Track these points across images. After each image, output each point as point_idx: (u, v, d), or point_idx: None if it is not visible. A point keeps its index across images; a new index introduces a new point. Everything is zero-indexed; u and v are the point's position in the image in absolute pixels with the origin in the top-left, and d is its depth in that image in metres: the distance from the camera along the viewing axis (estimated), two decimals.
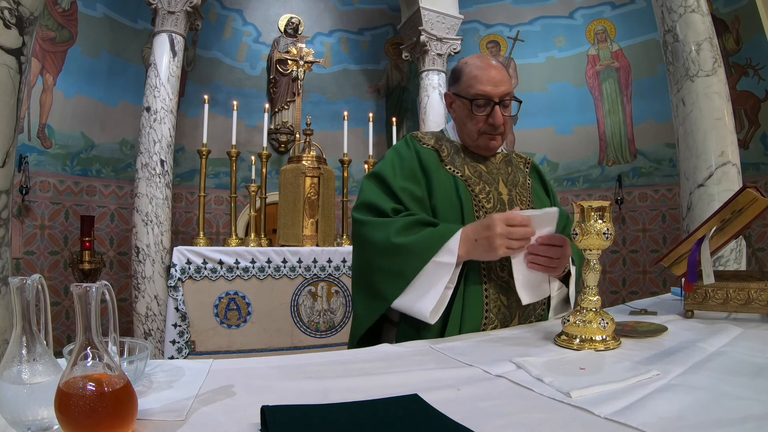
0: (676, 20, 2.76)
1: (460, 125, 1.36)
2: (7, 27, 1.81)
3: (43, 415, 0.54)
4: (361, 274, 1.27)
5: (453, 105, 1.37)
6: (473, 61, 1.33)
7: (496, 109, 1.27)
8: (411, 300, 1.14)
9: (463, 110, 1.32)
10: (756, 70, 4.53)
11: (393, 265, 1.16)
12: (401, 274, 1.15)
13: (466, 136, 1.34)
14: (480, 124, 1.29)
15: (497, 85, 1.26)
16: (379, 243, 1.18)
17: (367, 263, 1.23)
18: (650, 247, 5.36)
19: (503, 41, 6.08)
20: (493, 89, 1.26)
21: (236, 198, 3.87)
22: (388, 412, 0.61)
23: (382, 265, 1.19)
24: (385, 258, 1.18)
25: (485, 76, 1.27)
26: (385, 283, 1.17)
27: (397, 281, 1.15)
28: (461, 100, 1.31)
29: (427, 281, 1.13)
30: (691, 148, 2.69)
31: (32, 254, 4.28)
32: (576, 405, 0.64)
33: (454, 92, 1.34)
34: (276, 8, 6.25)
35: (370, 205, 1.27)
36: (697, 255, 1.20)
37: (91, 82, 4.73)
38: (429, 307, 1.12)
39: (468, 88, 1.29)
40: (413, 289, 1.14)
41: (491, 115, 1.27)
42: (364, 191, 1.31)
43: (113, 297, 0.64)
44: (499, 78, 1.27)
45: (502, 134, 1.32)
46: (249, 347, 3.41)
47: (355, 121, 4.92)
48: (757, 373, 0.76)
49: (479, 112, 1.28)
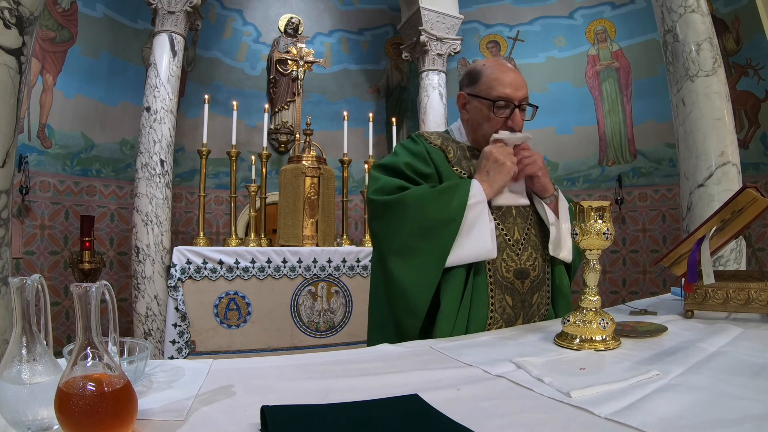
0: (676, 20, 2.75)
1: (473, 126, 1.36)
2: (7, 27, 1.81)
3: (43, 415, 0.54)
4: (403, 243, 1.23)
5: (467, 106, 1.37)
6: (492, 64, 1.34)
7: (516, 111, 1.29)
8: (471, 244, 1.18)
9: (481, 111, 1.32)
10: (756, 70, 4.52)
11: (438, 212, 1.19)
12: (450, 219, 1.18)
13: (481, 137, 1.35)
14: (498, 126, 1.30)
15: (518, 88, 1.29)
16: (417, 197, 1.22)
17: (408, 224, 1.22)
18: (650, 247, 5.36)
19: (503, 41, 6.08)
20: (513, 92, 1.28)
21: (236, 198, 3.87)
22: (388, 412, 0.61)
23: (429, 216, 1.19)
24: (428, 207, 1.20)
25: (507, 78, 1.29)
26: (438, 232, 1.19)
27: (448, 226, 1.18)
28: (479, 101, 1.31)
29: (472, 224, 1.19)
30: (691, 148, 2.69)
31: (32, 254, 4.28)
32: (576, 405, 0.64)
33: (471, 93, 1.34)
34: (276, 8, 6.25)
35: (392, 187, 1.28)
36: (697, 255, 1.20)
37: (91, 82, 4.73)
38: (489, 244, 1.19)
39: (489, 89, 1.29)
40: (465, 234, 1.18)
41: (510, 117, 1.29)
42: (381, 179, 1.31)
43: (113, 297, 0.64)
44: (520, 82, 1.30)
45: None
46: (249, 347, 3.41)
47: (355, 121, 4.92)
48: (757, 373, 0.76)
49: (500, 114, 1.29)
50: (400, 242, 1.22)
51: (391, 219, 1.24)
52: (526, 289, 1.26)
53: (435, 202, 1.19)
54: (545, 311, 1.32)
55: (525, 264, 1.27)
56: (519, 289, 1.25)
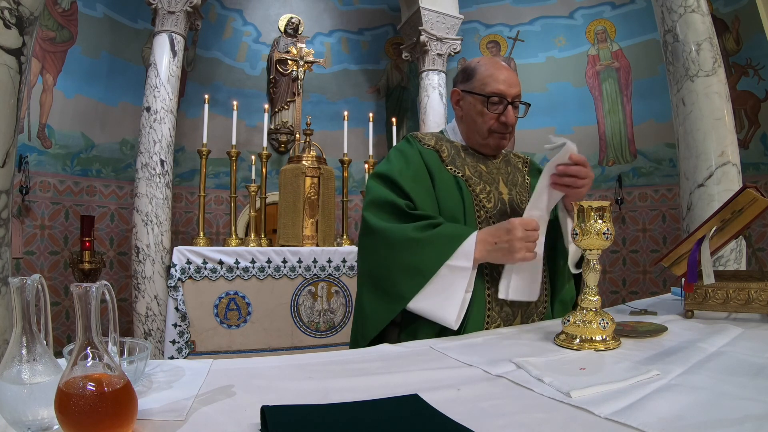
0: (676, 20, 2.76)
1: (467, 122, 1.37)
2: (7, 27, 1.81)
3: (43, 415, 0.54)
4: (374, 273, 1.24)
5: (461, 102, 1.38)
6: (487, 61, 1.36)
7: (509, 108, 1.30)
8: (432, 306, 1.14)
9: (474, 107, 1.33)
10: (756, 70, 4.53)
11: (411, 260, 1.16)
12: (419, 271, 1.14)
13: (475, 133, 1.36)
14: (491, 121, 1.31)
15: (511, 86, 1.30)
16: (396, 238, 1.18)
17: (382, 260, 1.21)
18: (650, 247, 5.36)
19: (503, 41, 6.08)
20: (507, 89, 1.29)
21: (236, 198, 3.87)
22: (388, 412, 0.61)
23: (398, 261, 1.17)
24: (401, 252, 1.17)
25: (501, 75, 1.30)
26: (402, 280, 1.16)
27: (414, 278, 1.15)
28: (473, 96, 1.33)
29: (445, 285, 1.14)
30: (691, 148, 2.69)
31: (32, 254, 4.28)
32: (576, 405, 0.64)
33: (465, 89, 1.35)
34: (276, 8, 6.25)
35: (382, 202, 1.26)
36: (697, 255, 1.20)
37: (91, 82, 4.73)
38: (453, 315, 1.12)
39: (483, 85, 1.31)
40: (433, 293, 1.14)
41: (504, 113, 1.30)
42: (373, 190, 1.30)
43: (113, 297, 0.64)
44: (514, 80, 1.32)
45: (510, 134, 1.36)
46: (249, 347, 3.41)
47: (355, 121, 4.92)
48: (757, 373, 0.76)
49: (493, 110, 1.30)
50: (373, 270, 1.24)
51: (372, 245, 1.25)
52: None
53: (417, 248, 1.16)
54: (543, 309, 1.32)
55: None
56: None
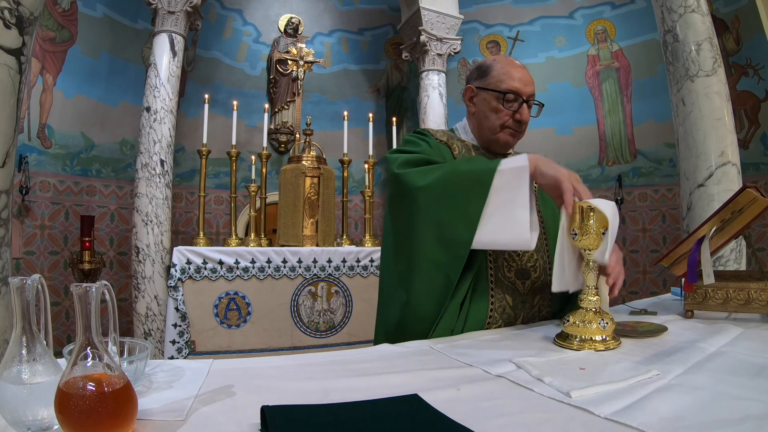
0: (676, 20, 2.76)
1: (480, 118, 1.38)
2: (7, 27, 1.82)
3: (43, 415, 0.54)
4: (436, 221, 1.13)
5: (474, 99, 1.39)
6: (503, 59, 1.38)
7: (524, 106, 1.32)
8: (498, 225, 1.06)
9: (489, 104, 1.34)
10: (756, 70, 4.52)
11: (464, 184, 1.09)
12: (478, 181, 1.07)
13: (486, 129, 1.36)
14: (505, 118, 1.32)
15: (527, 84, 1.32)
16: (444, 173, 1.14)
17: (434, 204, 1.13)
18: (650, 247, 5.36)
19: (503, 41, 6.08)
20: (523, 87, 1.31)
21: (236, 198, 3.87)
22: (388, 412, 0.61)
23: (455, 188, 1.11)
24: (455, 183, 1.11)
25: (517, 74, 1.32)
26: (465, 200, 1.09)
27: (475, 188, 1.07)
28: (488, 93, 1.33)
29: (509, 192, 1.05)
30: (691, 148, 2.69)
31: (32, 254, 4.28)
32: (576, 405, 0.64)
33: (480, 86, 1.36)
34: (276, 8, 6.25)
35: (418, 160, 1.23)
36: (697, 255, 1.20)
37: (91, 82, 4.73)
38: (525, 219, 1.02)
39: (499, 82, 1.32)
40: (498, 205, 1.06)
41: (518, 111, 1.31)
42: (402, 157, 1.26)
43: (113, 297, 0.64)
44: (529, 79, 1.33)
45: (521, 132, 1.37)
46: (249, 347, 3.41)
47: (355, 121, 4.92)
48: (757, 373, 0.76)
49: (509, 107, 1.31)
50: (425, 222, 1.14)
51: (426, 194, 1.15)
52: (527, 289, 1.26)
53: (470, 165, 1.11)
54: (546, 313, 1.31)
55: (526, 264, 1.27)
56: (520, 289, 1.25)
